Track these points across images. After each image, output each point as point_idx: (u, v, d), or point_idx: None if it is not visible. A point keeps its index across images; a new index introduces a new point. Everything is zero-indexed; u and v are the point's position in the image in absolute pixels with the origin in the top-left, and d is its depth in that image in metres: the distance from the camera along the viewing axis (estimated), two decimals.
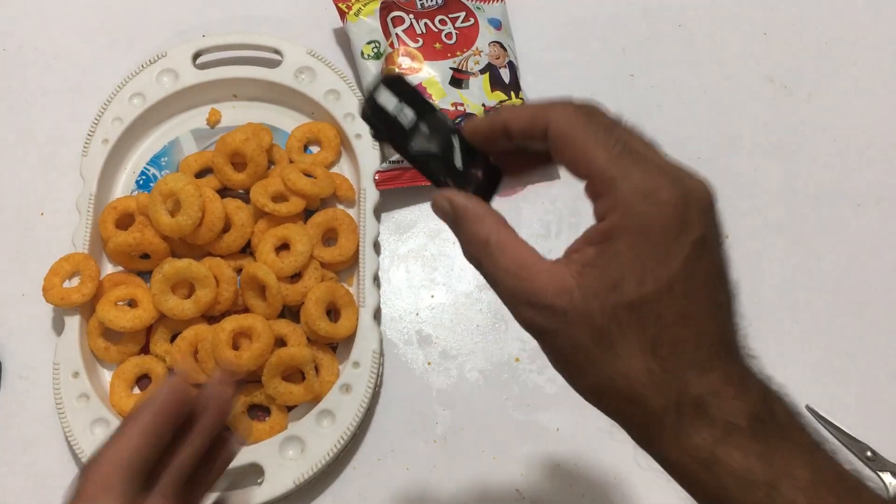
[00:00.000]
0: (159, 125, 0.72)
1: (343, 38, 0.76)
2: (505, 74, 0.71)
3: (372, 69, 0.72)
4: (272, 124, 0.72)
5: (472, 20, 0.72)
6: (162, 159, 0.71)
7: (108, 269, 0.67)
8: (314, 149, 0.72)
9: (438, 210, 0.36)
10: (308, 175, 0.67)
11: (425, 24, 0.72)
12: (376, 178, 0.67)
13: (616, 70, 0.78)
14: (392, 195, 0.69)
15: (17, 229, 0.70)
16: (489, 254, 0.34)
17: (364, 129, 0.70)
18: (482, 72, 0.71)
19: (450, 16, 0.72)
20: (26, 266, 0.67)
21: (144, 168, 0.71)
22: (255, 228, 0.66)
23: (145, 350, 0.63)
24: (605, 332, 0.31)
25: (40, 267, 0.63)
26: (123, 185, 0.70)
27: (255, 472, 0.58)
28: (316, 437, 0.59)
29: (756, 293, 0.68)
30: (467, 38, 0.71)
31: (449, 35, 0.71)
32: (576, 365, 0.32)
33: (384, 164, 0.68)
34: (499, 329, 0.66)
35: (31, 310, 0.65)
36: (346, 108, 0.70)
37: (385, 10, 0.72)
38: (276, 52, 0.73)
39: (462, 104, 0.69)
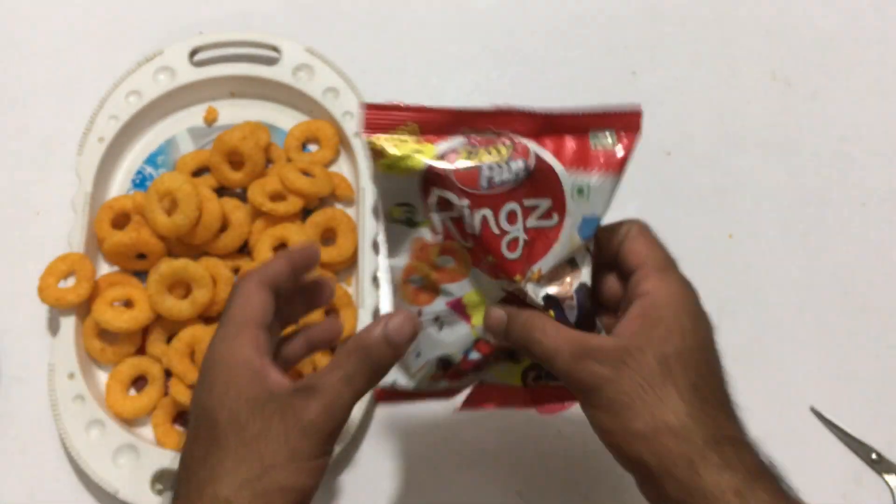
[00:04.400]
0: (156, 123, 0.72)
1: (343, 35, 0.76)
2: (571, 310, 0.44)
3: (404, 239, 0.45)
4: (270, 122, 0.71)
5: (556, 219, 0.43)
6: (158, 158, 0.70)
7: (104, 269, 0.66)
8: (312, 147, 0.71)
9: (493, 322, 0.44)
10: (306, 174, 0.66)
11: (483, 218, 0.42)
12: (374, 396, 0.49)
13: (618, 67, 0.77)
14: None
15: (12, 229, 0.69)
16: (545, 332, 0.42)
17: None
18: (546, 305, 0.44)
19: (525, 203, 0.43)
20: (21, 266, 0.66)
21: (141, 167, 0.70)
22: (253, 228, 0.65)
23: (141, 351, 0.63)
24: (658, 377, 0.38)
25: (35, 267, 0.62)
26: (119, 184, 0.69)
27: None
28: None
29: (759, 293, 0.67)
30: (539, 246, 0.43)
31: (514, 244, 0.43)
32: (630, 409, 0.38)
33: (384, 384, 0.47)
34: None
35: (26, 310, 0.65)
36: (345, 107, 0.70)
37: (427, 185, 0.43)
38: (275, 49, 0.72)
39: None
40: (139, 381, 0.63)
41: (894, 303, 0.68)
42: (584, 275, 0.45)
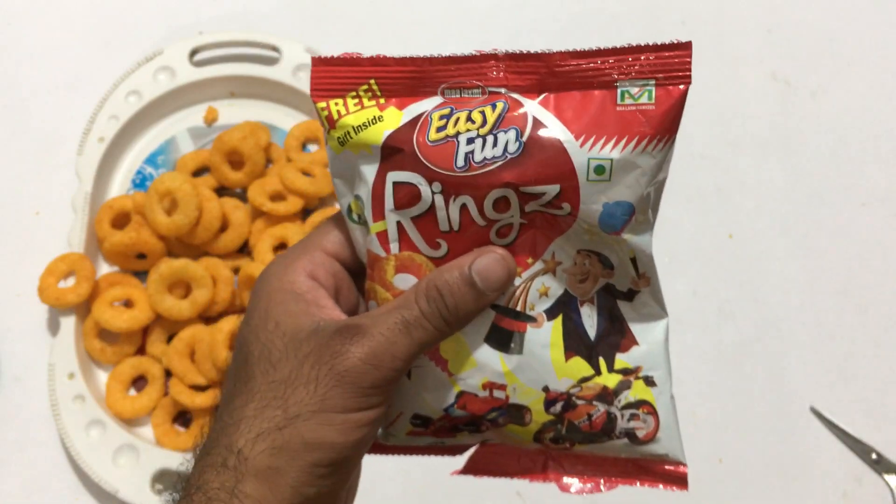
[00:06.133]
0: (156, 123, 0.72)
1: (343, 35, 0.75)
2: (589, 319, 0.34)
3: (359, 239, 0.34)
4: (270, 122, 0.71)
5: (567, 209, 0.32)
6: (158, 158, 0.70)
7: (104, 269, 0.66)
8: (312, 147, 0.71)
9: None
10: (306, 174, 0.66)
11: (463, 208, 0.32)
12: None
13: None
14: None
15: (12, 229, 0.69)
16: None
17: None
18: (550, 313, 0.34)
19: (522, 190, 0.31)
20: (21, 266, 0.66)
21: (141, 167, 0.70)
22: (253, 228, 0.65)
23: (141, 351, 0.63)
24: None
25: (35, 267, 0.63)
26: (119, 184, 0.69)
27: None
28: None
29: (760, 293, 0.67)
30: (545, 231, 0.33)
31: (506, 229, 0.33)
32: None
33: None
34: None
35: (26, 310, 0.65)
36: None
37: (383, 169, 0.32)
38: (274, 49, 0.72)
39: (503, 386, 0.34)
40: (139, 381, 0.63)
41: (894, 303, 0.68)
42: (621, 280, 0.33)
